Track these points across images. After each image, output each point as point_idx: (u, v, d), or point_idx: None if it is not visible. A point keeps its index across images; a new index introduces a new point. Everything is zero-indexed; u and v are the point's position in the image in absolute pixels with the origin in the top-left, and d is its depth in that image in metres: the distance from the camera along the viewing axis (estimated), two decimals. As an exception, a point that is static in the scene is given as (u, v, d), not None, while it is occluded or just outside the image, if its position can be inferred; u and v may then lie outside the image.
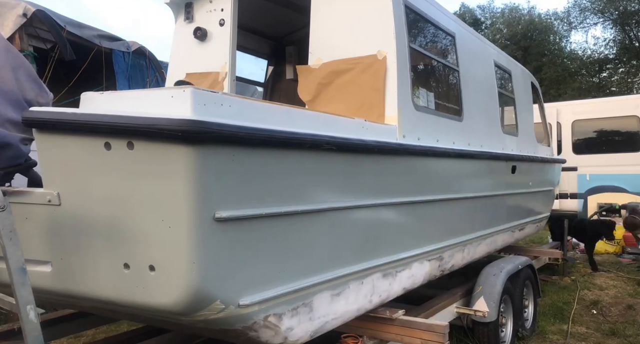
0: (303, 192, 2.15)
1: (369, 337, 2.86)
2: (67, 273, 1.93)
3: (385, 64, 2.87)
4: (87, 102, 1.89)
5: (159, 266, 1.77)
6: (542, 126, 6.35)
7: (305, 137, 2.09)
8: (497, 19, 28.00)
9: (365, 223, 2.59)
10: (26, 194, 1.93)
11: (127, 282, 1.82)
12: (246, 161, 1.84)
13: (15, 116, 1.88)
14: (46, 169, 1.88)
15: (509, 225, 4.78)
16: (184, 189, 1.68)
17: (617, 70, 24.88)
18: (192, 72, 3.70)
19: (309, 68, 3.12)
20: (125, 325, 3.69)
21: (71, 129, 1.77)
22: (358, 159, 2.46)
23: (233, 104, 1.83)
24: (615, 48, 24.48)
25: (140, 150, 1.70)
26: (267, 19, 4.44)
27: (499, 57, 4.74)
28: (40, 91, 2.04)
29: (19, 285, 1.63)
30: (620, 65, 24.58)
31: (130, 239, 1.79)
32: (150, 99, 1.78)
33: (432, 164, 3.19)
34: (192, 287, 1.75)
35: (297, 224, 2.14)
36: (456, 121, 3.62)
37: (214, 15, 3.67)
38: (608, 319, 4.86)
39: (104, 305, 2.04)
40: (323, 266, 2.31)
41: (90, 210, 1.83)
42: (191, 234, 1.71)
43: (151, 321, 2.52)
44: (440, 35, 3.69)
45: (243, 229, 1.88)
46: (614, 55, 24.61)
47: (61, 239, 1.91)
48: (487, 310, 3.60)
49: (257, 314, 1.99)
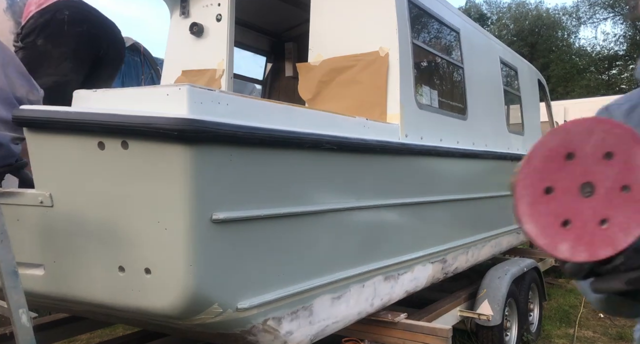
0: (303, 193, 2.12)
1: (370, 341, 2.83)
2: (61, 276, 1.90)
3: (387, 61, 2.83)
4: (80, 100, 1.85)
5: (155, 268, 1.73)
6: (549, 125, 6.31)
7: (305, 136, 2.05)
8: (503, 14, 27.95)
9: (367, 225, 2.56)
10: (17, 195, 1.89)
11: (122, 285, 1.79)
12: (244, 161, 1.81)
13: (6, 114, 1.84)
14: (38, 169, 1.84)
15: (514, 227, 4.74)
16: (180, 190, 1.65)
17: (628, 68, 24.79)
18: (189, 69, 3.66)
19: (309, 65, 3.08)
20: (120, 329, 3.66)
21: (63, 128, 1.73)
22: (359, 159, 2.43)
23: (231, 102, 1.80)
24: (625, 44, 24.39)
25: (135, 150, 1.66)
26: (265, 14, 4.40)
27: (505, 54, 4.70)
28: (31, 88, 2.00)
29: (11, 289, 1.59)
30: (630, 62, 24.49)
31: (125, 241, 1.75)
32: (144, 97, 1.76)
33: (436, 164, 3.15)
34: (189, 290, 1.72)
35: (297, 226, 2.11)
36: (460, 120, 3.58)
37: (211, 10, 3.62)
38: (615, 323, 4.81)
39: (98, 309, 2.01)
40: (323, 269, 2.28)
41: (83, 211, 1.80)
42: (188, 236, 1.68)
43: (147, 325, 2.49)
44: (445, 31, 3.64)
45: (241, 231, 1.85)
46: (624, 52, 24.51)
47: (54, 241, 1.88)
48: (492, 314, 3.55)
49: (256, 317, 1.96)
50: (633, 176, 0.57)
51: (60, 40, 2.63)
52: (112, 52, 2.90)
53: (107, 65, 2.91)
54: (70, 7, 2.67)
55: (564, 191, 0.57)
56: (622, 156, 0.57)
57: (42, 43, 2.61)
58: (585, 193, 0.57)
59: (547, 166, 0.57)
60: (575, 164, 0.57)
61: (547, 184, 0.57)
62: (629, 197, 0.57)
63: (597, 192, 0.57)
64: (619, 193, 0.57)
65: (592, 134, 0.57)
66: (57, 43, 2.62)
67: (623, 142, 0.57)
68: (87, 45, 2.74)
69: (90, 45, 2.76)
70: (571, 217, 0.57)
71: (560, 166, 0.57)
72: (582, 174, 0.57)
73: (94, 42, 2.77)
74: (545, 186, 0.57)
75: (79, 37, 2.67)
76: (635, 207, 0.57)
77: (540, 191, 0.57)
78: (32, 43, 2.61)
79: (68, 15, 2.63)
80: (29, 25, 2.62)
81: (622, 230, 0.56)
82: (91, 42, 2.75)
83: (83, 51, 2.72)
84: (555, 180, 0.57)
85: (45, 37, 2.61)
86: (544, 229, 0.57)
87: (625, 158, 0.57)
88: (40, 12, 2.62)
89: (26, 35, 2.63)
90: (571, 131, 0.58)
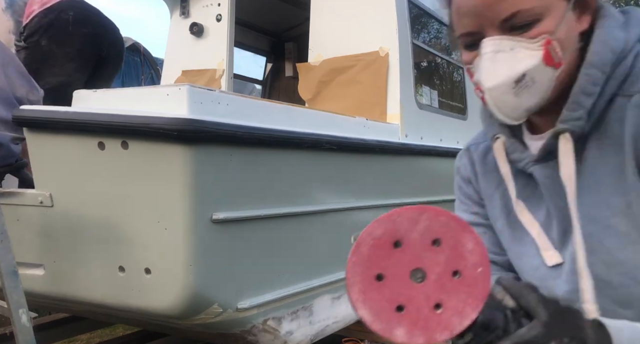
0: (303, 193, 2.12)
1: (370, 341, 2.82)
2: (61, 276, 1.90)
3: (387, 61, 2.83)
4: (80, 100, 1.85)
5: (155, 268, 1.73)
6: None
7: (305, 136, 2.05)
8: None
9: (367, 225, 2.55)
10: (17, 195, 1.89)
11: (122, 285, 1.79)
12: (244, 161, 1.81)
13: (6, 114, 1.84)
14: (38, 169, 1.84)
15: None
16: (180, 190, 1.65)
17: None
18: (189, 69, 3.65)
19: (308, 65, 3.08)
20: (120, 329, 3.65)
21: (63, 128, 1.73)
22: (359, 159, 2.43)
23: (230, 102, 1.80)
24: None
25: (135, 150, 1.66)
26: (265, 14, 4.39)
27: None
28: (31, 88, 1.99)
29: (11, 289, 1.59)
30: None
31: (125, 241, 1.75)
32: (144, 97, 1.76)
33: (436, 164, 3.15)
34: (189, 290, 1.72)
35: (297, 226, 2.11)
36: (461, 120, 3.58)
37: (211, 10, 3.62)
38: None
39: (98, 309, 2.01)
40: (323, 269, 2.28)
41: (83, 212, 1.80)
42: (188, 236, 1.68)
43: (147, 325, 2.49)
44: (445, 31, 3.64)
45: (241, 231, 1.85)
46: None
47: (54, 241, 1.88)
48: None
49: (256, 317, 1.96)
50: (462, 262, 0.58)
51: (65, 41, 2.62)
52: (113, 52, 2.91)
53: (108, 65, 2.91)
54: (74, 8, 2.67)
55: (394, 278, 0.57)
56: (449, 242, 0.58)
57: (46, 43, 2.60)
58: (416, 279, 0.58)
59: (376, 254, 0.58)
60: (403, 251, 0.58)
61: (378, 272, 0.57)
62: (460, 282, 0.57)
63: (429, 278, 0.57)
64: (451, 279, 0.57)
65: (417, 222, 0.58)
66: (62, 43, 2.62)
67: (449, 229, 0.58)
68: (91, 46, 2.74)
69: (94, 46, 2.76)
70: (404, 302, 0.57)
71: (389, 253, 0.58)
72: (412, 260, 0.58)
73: (97, 42, 2.77)
74: (375, 273, 0.57)
75: (84, 38, 2.67)
76: (467, 292, 0.57)
77: (371, 278, 0.57)
78: (36, 43, 2.60)
79: (72, 16, 2.63)
80: (32, 25, 2.61)
81: (457, 314, 0.57)
82: (94, 43, 2.76)
83: (87, 51, 2.72)
84: (385, 267, 0.57)
85: (50, 37, 2.60)
86: (378, 315, 0.57)
87: (452, 244, 0.58)
88: (44, 12, 2.61)
89: (30, 35, 2.62)
90: (396, 220, 0.58)
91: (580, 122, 0.73)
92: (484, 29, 0.73)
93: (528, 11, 0.70)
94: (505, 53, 0.71)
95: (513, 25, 0.71)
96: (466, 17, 0.74)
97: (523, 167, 0.83)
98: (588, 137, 0.76)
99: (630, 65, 0.74)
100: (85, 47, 2.70)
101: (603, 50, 0.73)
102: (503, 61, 0.71)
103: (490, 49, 0.72)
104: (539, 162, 0.80)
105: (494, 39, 0.72)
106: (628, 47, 0.74)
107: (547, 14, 0.71)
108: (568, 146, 0.74)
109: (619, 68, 0.73)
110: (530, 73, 0.70)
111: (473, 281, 0.58)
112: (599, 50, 0.73)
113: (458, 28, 0.78)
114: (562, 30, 0.72)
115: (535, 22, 0.71)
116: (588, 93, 0.72)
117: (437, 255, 0.58)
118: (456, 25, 0.78)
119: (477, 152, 0.98)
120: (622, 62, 0.74)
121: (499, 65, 0.71)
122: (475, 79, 0.77)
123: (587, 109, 0.73)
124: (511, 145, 0.84)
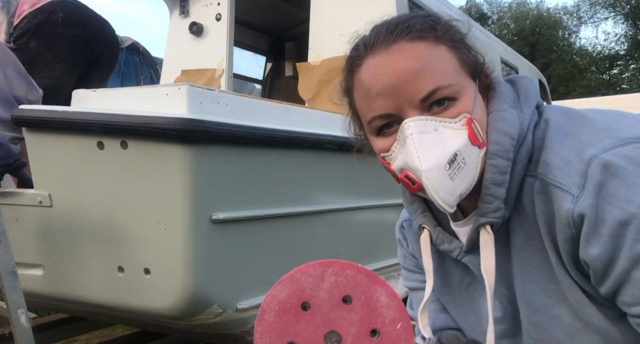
0: (303, 193, 2.12)
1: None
2: (60, 276, 1.89)
3: (387, 60, 2.82)
4: (79, 100, 1.85)
5: (154, 269, 1.73)
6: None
7: (305, 136, 2.05)
8: (504, 14, 27.94)
9: (367, 225, 2.55)
10: (16, 195, 1.89)
11: (121, 285, 1.78)
12: (244, 161, 1.81)
13: (4, 114, 1.83)
14: (37, 169, 1.84)
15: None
16: (180, 190, 1.65)
17: (629, 67, 24.76)
18: (188, 69, 3.65)
19: (308, 65, 3.07)
20: (119, 329, 3.65)
21: (62, 128, 1.72)
22: (359, 159, 2.42)
23: (230, 102, 1.79)
24: (626, 44, 24.36)
25: (134, 150, 1.66)
26: (265, 13, 4.39)
27: (506, 53, 4.68)
28: (30, 88, 1.99)
29: (10, 289, 1.59)
30: (631, 61, 24.46)
31: (124, 241, 1.74)
32: (144, 97, 1.75)
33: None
34: (188, 290, 1.71)
35: (297, 226, 2.10)
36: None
37: (210, 9, 3.61)
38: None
39: (97, 309, 2.00)
40: (324, 269, 2.27)
41: (82, 212, 1.79)
42: (187, 236, 1.67)
43: (147, 325, 2.48)
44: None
45: (241, 231, 1.84)
46: (625, 52, 24.48)
47: (53, 241, 1.87)
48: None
49: (256, 318, 1.95)
50: (379, 319, 0.53)
51: (54, 43, 2.56)
52: (107, 54, 2.85)
53: (101, 66, 2.85)
54: (64, 8, 2.60)
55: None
56: (360, 298, 0.53)
57: (35, 45, 2.54)
58: (332, 343, 0.53)
59: (283, 319, 0.53)
60: (313, 314, 0.53)
61: (288, 340, 0.52)
62: (380, 342, 0.52)
63: (345, 340, 0.52)
64: (369, 339, 0.52)
65: (322, 279, 0.53)
66: (51, 45, 2.56)
67: (358, 283, 0.53)
68: (82, 48, 2.68)
69: (85, 48, 2.70)
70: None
71: (298, 317, 0.52)
72: (324, 323, 0.53)
73: (89, 44, 2.72)
74: (286, 341, 0.52)
75: (73, 40, 2.62)
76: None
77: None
78: (24, 45, 2.54)
79: (62, 17, 2.56)
80: (22, 26, 2.56)
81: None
82: (86, 44, 2.70)
83: (77, 54, 2.67)
84: (295, 334, 0.52)
85: (39, 39, 2.54)
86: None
87: (364, 301, 0.53)
88: (34, 13, 2.55)
89: (19, 36, 2.56)
90: (300, 280, 0.54)
91: (498, 214, 0.71)
92: (402, 109, 0.69)
93: (447, 88, 0.67)
94: (431, 134, 0.67)
95: (432, 103, 0.68)
96: (380, 98, 0.70)
97: (456, 257, 0.81)
98: (511, 219, 0.74)
99: (532, 144, 0.71)
100: (75, 49, 2.64)
101: (502, 139, 0.70)
102: (431, 142, 0.66)
103: (415, 130, 0.67)
104: (469, 253, 0.78)
105: (416, 119, 0.68)
106: (525, 127, 0.72)
107: (463, 92, 0.69)
108: (488, 239, 0.71)
109: (521, 150, 0.71)
110: (460, 153, 0.67)
111: (394, 338, 0.52)
112: (498, 140, 0.70)
113: (369, 112, 0.73)
114: (477, 111, 0.70)
115: (453, 100, 0.68)
116: (499, 183, 0.69)
117: (350, 314, 0.52)
118: (366, 110, 0.74)
119: (410, 233, 0.97)
120: (522, 143, 0.71)
121: (428, 146, 0.66)
122: (399, 166, 0.72)
123: (501, 199, 0.70)
124: (438, 236, 0.82)
